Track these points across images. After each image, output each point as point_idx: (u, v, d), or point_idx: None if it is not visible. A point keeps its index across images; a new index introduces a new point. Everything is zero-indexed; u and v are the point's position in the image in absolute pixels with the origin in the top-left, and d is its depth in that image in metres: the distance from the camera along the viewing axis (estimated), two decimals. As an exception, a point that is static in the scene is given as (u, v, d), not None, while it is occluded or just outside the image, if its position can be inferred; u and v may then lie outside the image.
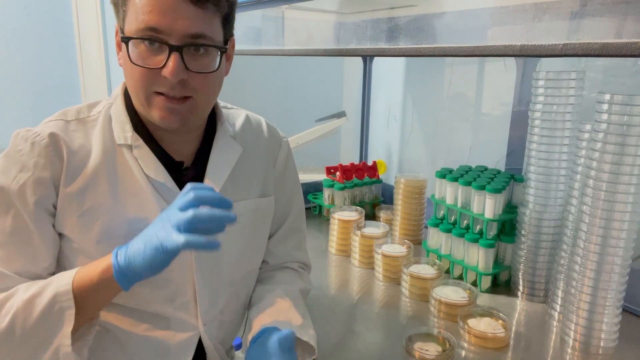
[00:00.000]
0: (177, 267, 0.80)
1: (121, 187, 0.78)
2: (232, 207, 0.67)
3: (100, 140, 0.78)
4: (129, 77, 0.74)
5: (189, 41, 0.71)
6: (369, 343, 1.00)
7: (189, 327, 0.84)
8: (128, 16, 0.71)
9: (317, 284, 1.15)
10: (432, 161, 1.75)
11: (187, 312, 0.83)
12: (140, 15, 0.69)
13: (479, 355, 0.96)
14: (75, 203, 0.75)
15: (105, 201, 0.77)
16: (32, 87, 2.55)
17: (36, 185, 0.73)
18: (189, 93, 0.74)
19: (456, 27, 0.88)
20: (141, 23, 0.69)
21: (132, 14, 0.70)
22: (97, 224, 0.76)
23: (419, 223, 1.53)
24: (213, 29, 0.73)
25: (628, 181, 0.88)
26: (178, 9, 0.69)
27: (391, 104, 1.92)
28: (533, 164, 1.12)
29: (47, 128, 0.76)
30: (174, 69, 0.70)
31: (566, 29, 0.67)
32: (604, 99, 0.88)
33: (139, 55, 0.71)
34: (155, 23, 0.69)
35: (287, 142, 0.99)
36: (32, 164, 0.73)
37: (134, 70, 0.72)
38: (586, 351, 0.98)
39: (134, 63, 0.71)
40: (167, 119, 0.75)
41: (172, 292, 0.81)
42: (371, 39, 1.04)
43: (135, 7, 0.70)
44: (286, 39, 1.48)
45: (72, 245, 0.77)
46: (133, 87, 0.74)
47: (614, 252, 0.92)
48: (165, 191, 0.80)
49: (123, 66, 0.76)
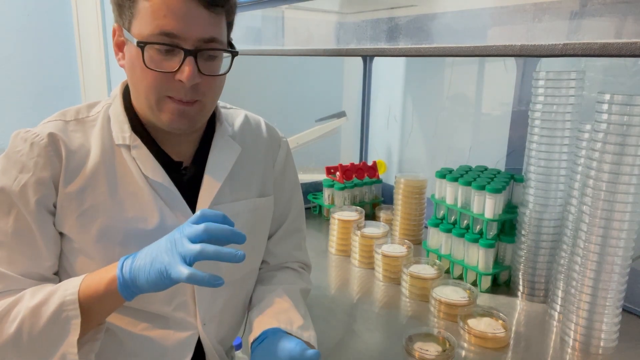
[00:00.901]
0: None
1: (120, 187, 0.78)
2: (245, 240, 0.67)
3: (99, 141, 0.78)
4: (139, 80, 0.74)
5: (203, 46, 0.71)
6: (369, 343, 1.00)
7: (188, 326, 0.84)
8: (138, 19, 0.71)
9: (317, 284, 1.15)
10: (432, 161, 1.75)
11: (186, 312, 0.83)
12: (155, 20, 0.69)
13: (479, 355, 0.96)
14: (74, 203, 0.76)
15: (104, 201, 0.77)
16: (32, 87, 2.55)
17: (37, 186, 0.73)
18: (198, 97, 0.75)
19: (456, 27, 0.88)
20: (156, 27, 0.69)
21: (144, 17, 0.70)
22: (95, 224, 0.76)
23: (419, 223, 1.53)
24: (222, 33, 0.74)
25: (628, 181, 0.88)
26: (193, 14, 0.69)
27: (391, 104, 1.92)
28: (533, 164, 1.12)
29: (46, 128, 0.76)
30: (189, 74, 0.70)
31: (566, 29, 0.67)
32: (604, 99, 0.88)
33: (152, 59, 0.71)
34: (171, 28, 0.69)
35: (286, 142, 0.99)
36: (32, 164, 0.73)
37: (147, 74, 0.72)
38: (586, 351, 0.97)
39: (147, 67, 0.71)
40: (177, 122, 0.75)
41: (171, 291, 0.80)
42: (371, 39, 1.04)
43: (147, 11, 0.69)
44: (286, 39, 1.48)
45: (72, 245, 0.77)
46: (143, 91, 0.74)
47: (614, 252, 0.92)
48: (163, 191, 0.80)
49: (130, 69, 0.75)
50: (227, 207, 0.85)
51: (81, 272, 0.77)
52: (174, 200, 0.80)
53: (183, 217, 0.80)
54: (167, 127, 0.76)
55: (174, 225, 0.79)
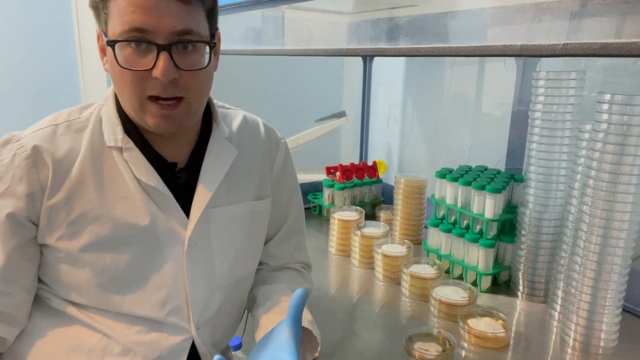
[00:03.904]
0: (169, 272, 0.80)
1: (109, 192, 0.76)
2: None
3: (89, 143, 0.77)
4: (119, 82, 0.72)
5: (177, 39, 0.69)
6: (369, 343, 1.00)
7: (182, 331, 0.83)
8: (111, 19, 0.69)
9: (317, 284, 1.15)
10: (432, 161, 1.75)
11: (180, 316, 0.82)
12: (124, 17, 0.67)
13: (479, 355, 0.96)
14: (62, 213, 0.74)
15: (93, 208, 0.75)
16: (32, 87, 2.55)
17: (9, 198, 0.72)
18: (181, 93, 0.72)
19: (456, 27, 0.88)
20: (125, 24, 0.67)
21: (115, 16, 0.68)
22: (86, 232, 0.75)
23: (419, 223, 1.53)
24: (199, 24, 0.71)
25: (628, 181, 0.88)
26: (162, 6, 0.67)
27: (391, 104, 1.92)
28: (533, 164, 1.12)
29: (32, 139, 0.74)
30: (164, 69, 0.68)
31: (566, 29, 0.67)
32: (604, 98, 0.88)
33: (126, 58, 0.69)
34: (140, 23, 0.66)
35: (285, 143, 0.98)
36: (10, 176, 0.72)
37: (123, 75, 0.70)
38: (586, 351, 0.97)
39: (122, 67, 0.69)
40: (163, 126, 0.73)
41: (165, 296, 0.80)
42: (371, 39, 1.04)
43: (117, 9, 0.68)
44: (286, 39, 1.48)
45: (57, 255, 0.76)
46: (125, 93, 0.72)
47: (614, 252, 0.92)
48: (156, 195, 0.78)
49: (110, 72, 0.73)
50: (224, 211, 0.84)
51: (68, 281, 0.76)
52: (168, 203, 0.79)
53: (176, 220, 0.79)
54: (154, 130, 0.74)
55: (166, 229, 0.78)
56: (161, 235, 0.78)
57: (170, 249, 0.79)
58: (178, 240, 0.80)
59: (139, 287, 0.78)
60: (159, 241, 0.79)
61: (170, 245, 0.79)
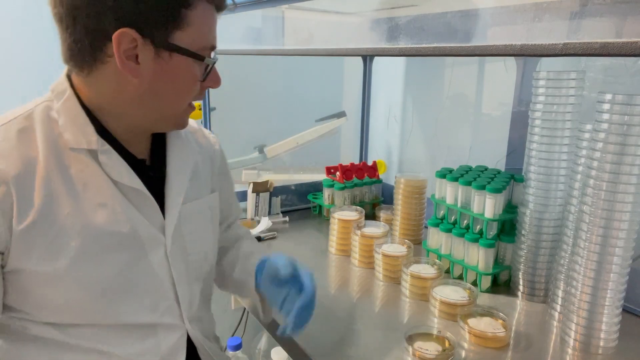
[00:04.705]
0: (156, 273, 0.79)
1: (84, 201, 0.71)
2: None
3: (45, 147, 0.69)
4: (168, 91, 0.73)
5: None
6: (369, 343, 1.00)
7: (177, 328, 0.84)
8: (187, 30, 0.69)
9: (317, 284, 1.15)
10: (432, 161, 1.75)
11: (172, 315, 0.83)
12: (207, 33, 0.73)
13: (479, 355, 0.96)
14: (40, 233, 0.68)
15: (72, 222, 0.69)
16: (32, 87, 2.54)
17: None
18: None
19: (456, 27, 0.88)
20: (207, 42, 0.73)
21: (194, 31, 0.70)
22: (68, 248, 0.69)
23: (419, 223, 1.53)
24: None
25: (628, 181, 0.88)
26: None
27: (391, 104, 1.92)
28: (533, 164, 1.12)
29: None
30: (220, 80, 0.78)
31: (566, 28, 0.67)
32: (604, 98, 0.88)
33: (193, 71, 0.74)
34: (214, 41, 0.75)
35: (215, 136, 1.03)
36: None
37: (191, 86, 0.75)
38: (586, 351, 0.97)
39: (200, 80, 0.75)
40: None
41: (156, 298, 0.80)
42: (371, 39, 1.04)
43: (199, 24, 0.71)
44: (286, 39, 1.48)
45: (35, 279, 0.69)
46: (176, 101, 0.76)
47: (614, 252, 0.92)
48: (134, 196, 0.76)
49: (162, 79, 0.71)
50: (193, 205, 0.87)
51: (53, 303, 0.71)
52: (147, 204, 0.78)
53: (156, 221, 0.79)
54: (178, 129, 0.81)
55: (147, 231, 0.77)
56: (144, 238, 0.77)
57: (153, 250, 0.78)
58: (160, 241, 0.79)
59: (130, 294, 0.76)
60: (142, 244, 0.77)
61: (154, 246, 0.78)
